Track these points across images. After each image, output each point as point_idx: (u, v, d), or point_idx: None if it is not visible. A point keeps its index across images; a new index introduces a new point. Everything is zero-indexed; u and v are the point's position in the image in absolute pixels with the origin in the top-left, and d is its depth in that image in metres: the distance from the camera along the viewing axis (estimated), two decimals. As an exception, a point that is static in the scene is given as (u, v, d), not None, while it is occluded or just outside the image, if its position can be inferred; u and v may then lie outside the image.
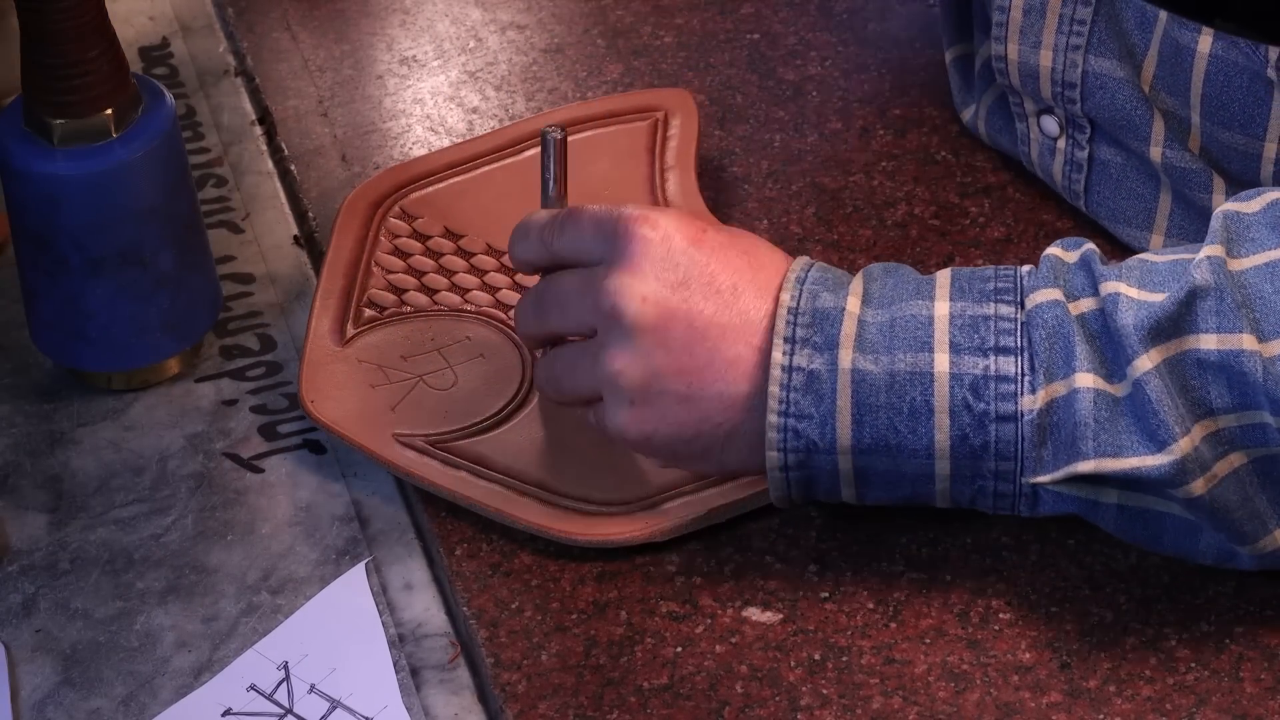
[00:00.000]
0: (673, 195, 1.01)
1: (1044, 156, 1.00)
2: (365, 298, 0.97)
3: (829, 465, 0.81)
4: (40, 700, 0.83)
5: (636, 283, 0.81)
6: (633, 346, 0.81)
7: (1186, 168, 0.93)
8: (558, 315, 0.85)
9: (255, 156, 1.10)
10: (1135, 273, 0.79)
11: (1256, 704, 0.80)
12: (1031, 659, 0.82)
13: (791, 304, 0.81)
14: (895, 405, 0.80)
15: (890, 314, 0.81)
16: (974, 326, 0.80)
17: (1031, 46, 0.96)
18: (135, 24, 1.19)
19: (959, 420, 0.79)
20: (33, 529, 0.90)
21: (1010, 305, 0.80)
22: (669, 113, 1.06)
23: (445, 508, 0.89)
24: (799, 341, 0.81)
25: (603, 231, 0.84)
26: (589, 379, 0.84)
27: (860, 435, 0.80)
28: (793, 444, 0.81)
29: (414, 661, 0.84)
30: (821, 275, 0.83)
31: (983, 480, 0.80)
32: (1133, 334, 0.77)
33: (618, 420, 0.83)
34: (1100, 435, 0.77)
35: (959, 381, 0.79)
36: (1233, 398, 0.76)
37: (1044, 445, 0.79)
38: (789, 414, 0.80)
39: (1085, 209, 0.99)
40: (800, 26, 1.15)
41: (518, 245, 0.88)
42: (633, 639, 0.83)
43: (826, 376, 0.80)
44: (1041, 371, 0.78)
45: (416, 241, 1.00)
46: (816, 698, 0.81)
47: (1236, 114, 0.89)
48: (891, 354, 0.80)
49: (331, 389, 0.92)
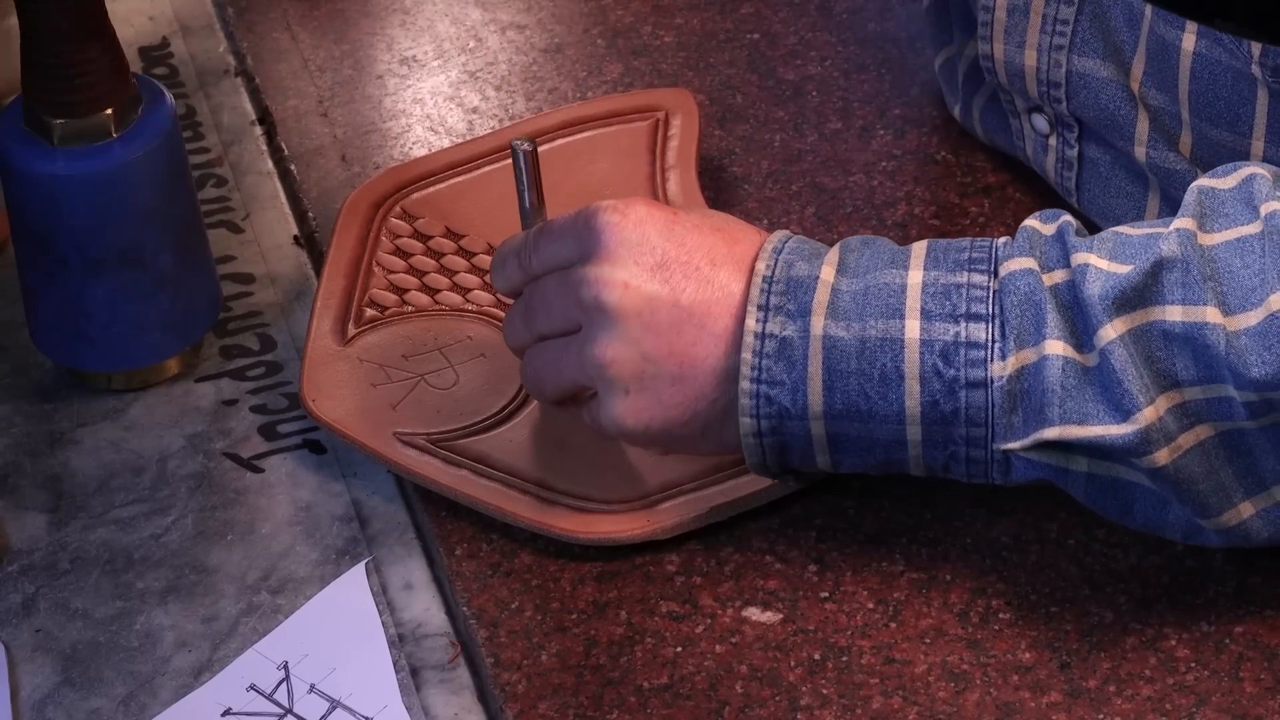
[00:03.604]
0: (674, 195, 1.02)
1: (1038, 153, 1.01)
2: (367, 297, 0.97)
3: (801, 431, 0.81)
4: (40, 700, 0.83)
5: (616, 271, 0.81)
6: (621, 335, 0.81)
7: (1171, 168, 0.93)
8: (544, 318, 0.85)
9: (255, 156, 1.10)
10: (1108, 244, 0.79)
11: (1256, 704, 0.80)
12: (1031, 659, 0.82)
13: (766, 273, 0.82)
14: (866, 371, 0.80)
15: (864, 282, 0.81)
16: (945, 294, 0.80)
17: (1016, 46, 0.96)
18: (135, 24, 1.19)
19: (929, 386, 0.79)
20: (33, 529, 0.90)
21: (983, 274, 0.80)
22: (670, 112, 1.06)
23: (445, 507, 0.89)
24: (772, 309, 0.81)
25: (574, 231, 0.84)
26: (575, 372, 0.84)
27: (831, 401, 0.80)
28: (765, 410, 0.81)
29: (414, 661, 0.84)
30: (799, 246, 0.83)
31: (954, 446, 0.80)
32: (1098, 304, 0.77)
33: (615, 412, 0.83)
34: (1067, 402, 0.77)
35: (929, 348, 0.79)
36: (1197, 370, 0.76)
37: (1014, 412, 0.79)
38: (761, 380, 0.81)
39: (1077, 206, 1.00)
40: (800, 26, 1.16)
41: (497, 275, 0.88)
42: (633, 639, 0.83)
43: (798, 343, 0.80)
44: (1012, 338, 0.78)
45: (418, 241, 1.00)
46: (816, 698, 0.81)
47: (1224, 111, 0.89)
48: (863, 320, 0.80)
49: (333, 388, 0.92)
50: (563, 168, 1.03)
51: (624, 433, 0.84)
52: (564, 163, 1.04)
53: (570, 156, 1.04)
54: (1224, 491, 0.78)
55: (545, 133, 1.05)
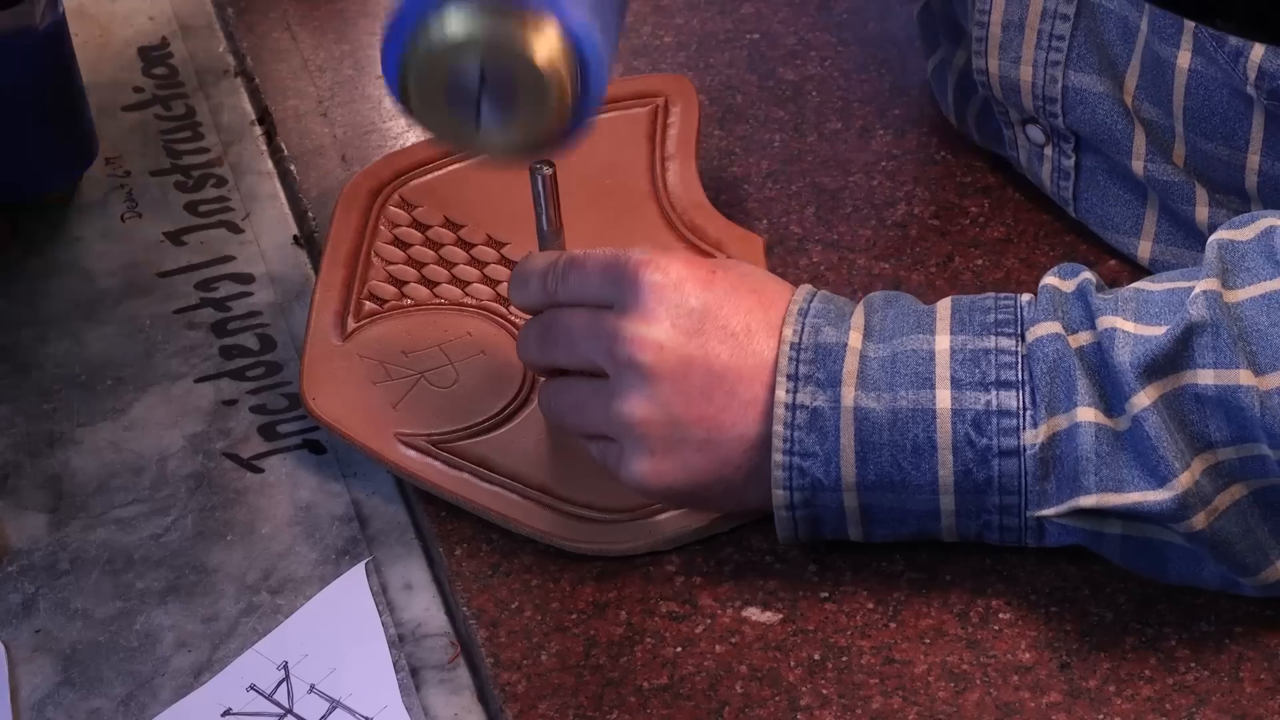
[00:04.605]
0: (673, 184, 1.01)
1: (1033, 162, 1.00)
2: (366, 290, 0.97)
3: (834, 503, 0.81)
4: (40, 700, 0.83)
5: (652, 330, 0.81)
6: (651, 395, 0.81)
7: (1169, 180, 0.93)
8: (565, 352, 0.85)
9: (255, 156, 1.10)
10: (1131, 305, 0.79)
11: (1256, 704, 0.80)
12: (1031, 659, 0.82)
13: (794, 339, 0.81)
14: (898, 442, 0.79)
15: (892, 348, 0.81)
16: (975, 361, 0.80)
17: (1012, 61, 0.96)
18: (135, 24, 1.19)
19: (962, 456, 0.79)
20: (33, 529, 0.90)
21: (1010, 338, 0.80)
22: (669, 99, 1.06)
23: (445, 508, 0.89)
24: (802, 378, 0.80)
25: (610, 276, 0.83)
26: (599, 423, 0.83)
27: (865, 472, 0.80)
28: (798, 482, 0.81)
29: (414, 661, 0.84)
30: (823, 307, 0.82)
31: (988, 515, 0.81)
32: (1129, 371, 0.77)
33: (638, 470, 0.82)
34: (1102, 470, 0.77)
35: (961, 417, 0.79)
36: (1231, 431, 0.76)
37: (1047, 479, 0.79)
38: (793, 452, 0.80)
39: (1075, 214, 1.00)
40: (800, 26, 1.16)
41: (517, 292, 0.87)
42: (633, 639, 0.83)
43: (830, 414, 0.80)
44: (1043, 406, 0.78)
45: (416, 231, 1.00)
46: (816, 698, 0.81)
47: (1219, 126, 0.89)
48: (894, 391, 0.79)
49: (332, 385, 0.92)
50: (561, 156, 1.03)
51: (645, 491, 0.83)
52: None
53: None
54: (1260, 550, 0.78)
55: None
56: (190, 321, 1.00)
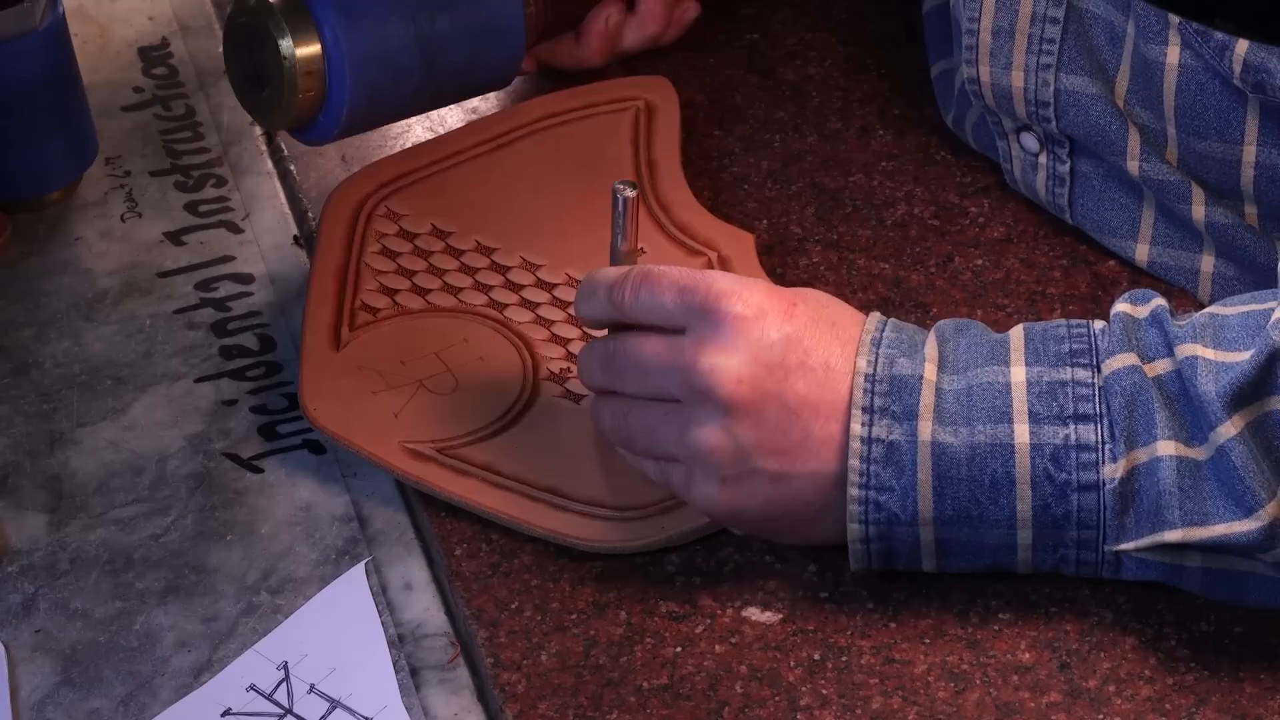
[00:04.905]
0: (660, 185, 1.01)
1: (1027, 173, 1.00)
2: (358, 300, 0.97)
3: (910, 537, 0.81)
4: (40, 700, 0.83)
5: (732, 363, 0.80)
6: (726, 425, 0.80)
7: (1165, 180, 0.93)
8: (635, 380, 0.84)
9: (255, 156, 1.10)
10: (1209, 331, 0.78)
11: (1256, 704, 0.80)
12: (1031, 659, 0.82)
13: (868, 370, 0.80)
14: (976, 477, 0.79)
15: (967, 380, 0.80)
16: (1052, 394, 0.79)
17: (1003, 68, 0.96)
18: (135, 24, 1.19)
19: (1040, 490, 0.79)
20: (33, 529, 0.90)
21: (1086, 369, 0.80)
22: (650, 102, 1.06)
23: (445, 508, 0.89)
24: (877, 411, 0.80)
25: (687, 301, 0.82)
26: (672, 446, 0.83)
27: (942, 507, 0.80)
28: (874, 516, 0.80)
29: (414, 661, 0.84)
30: (895, 336, 0.82)
31: (1065, 549, 0.80)
32: (1215, 401, 0.76)
33: (708, 495, 0.82)
34: (1186, 504, 0.77)
35: (1040, 452, 0.79)
36: None
37: (1126, 513, 0.78)
38: (869, 486, 0.80)
39: (1071, 221, 1.00)
40: (800, 26, 1.15)
41: (584, 304, 0.86)
42: (633, 639, 0.83)
43: (906, 448, 0.80)
44: (1122, 439, 0.78)
45: (405, 240, 1.00)
46: (816, 698, 0.81)
47: (1211, 122, 0.89)
48: (971, 425, 0.79)
49: (333, 398, 0.92)
50: (543, 161, 1.03)
51: (713, 515, 0.83)
52: (544, 156, 1.03)
53: (550, 149, 1.04)
54: None
55: (524, 126, 1.05)
56: (190, 321, 1.00)
